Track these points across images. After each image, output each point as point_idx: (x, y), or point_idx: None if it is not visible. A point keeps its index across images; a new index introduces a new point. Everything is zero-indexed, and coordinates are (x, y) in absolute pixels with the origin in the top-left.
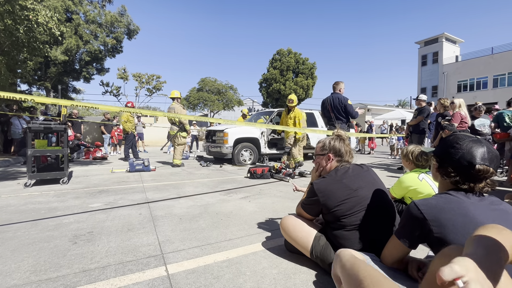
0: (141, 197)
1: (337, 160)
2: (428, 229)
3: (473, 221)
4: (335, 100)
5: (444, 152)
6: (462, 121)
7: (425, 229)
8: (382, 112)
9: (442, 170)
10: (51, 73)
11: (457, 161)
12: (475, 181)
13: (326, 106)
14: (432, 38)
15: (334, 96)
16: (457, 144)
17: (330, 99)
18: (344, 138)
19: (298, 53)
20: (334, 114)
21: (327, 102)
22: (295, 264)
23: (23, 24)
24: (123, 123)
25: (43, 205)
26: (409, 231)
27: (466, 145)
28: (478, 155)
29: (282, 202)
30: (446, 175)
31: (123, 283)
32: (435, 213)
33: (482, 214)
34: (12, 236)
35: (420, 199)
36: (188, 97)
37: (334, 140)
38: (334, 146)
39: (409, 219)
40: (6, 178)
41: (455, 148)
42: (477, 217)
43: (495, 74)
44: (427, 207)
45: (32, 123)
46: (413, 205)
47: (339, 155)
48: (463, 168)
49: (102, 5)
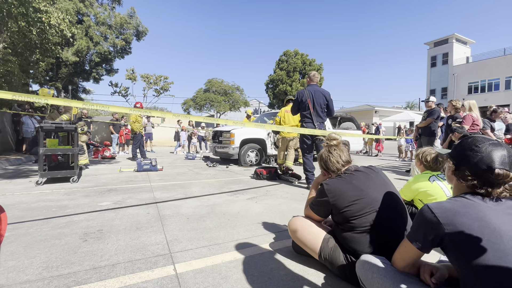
0: (149, 197)
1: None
2: (443, 233)
3: (489, 225)
4: (318, 94)
5: (461, 155)
6: (474, 123)
7: (440, 233)
8: (390, 114)
9: (458, 173)
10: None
11: (475, 164)
12: (493, 186)
13: (304, 100)
14: (442, 39)
15: (316, 89)
16: (476, 147)
17: (311, 92)
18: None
19: (305, 54)
20: (315, 111)
21: (305, 95)
22: (303, 266)
23: (36, 26)
24: (131, 123)
25: (54, 203)
26: (422, 234)
27: (485, 148)
28: (497, 159)
29: (289, 203)
30: (462, 179)
31: (133, 281)
32: (450, 217)
33: (499, 218)
34: (25, 233)
35: (434, 202)
36: (195, 97)
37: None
38: (326, 162)
39: (423, 222)
40: (18, 176)
41: (473, 150)
42: (494, 221)
43: (507, 75)
44: (441, 210)
45: (44, 123)
46: (426, 208)
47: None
48: (482, 172)
49: (112, 7)
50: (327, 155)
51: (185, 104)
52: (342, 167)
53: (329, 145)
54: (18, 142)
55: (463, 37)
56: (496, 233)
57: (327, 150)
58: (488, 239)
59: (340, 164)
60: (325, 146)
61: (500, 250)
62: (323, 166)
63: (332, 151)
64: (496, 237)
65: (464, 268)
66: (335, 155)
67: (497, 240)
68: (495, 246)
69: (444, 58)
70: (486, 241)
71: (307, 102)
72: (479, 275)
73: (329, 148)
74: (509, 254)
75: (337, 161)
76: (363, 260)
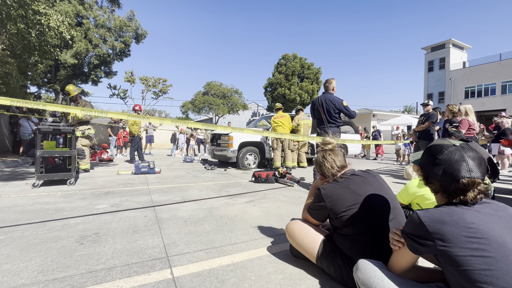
0: (146, 199)
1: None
2: (432, 242)
3: (477, 232)
4: (328, 102)
5: (427, 167)
6: (470, 127)
7: (429, 241)
8: (387, 118)
9: (430, 186)
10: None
11: (440, 177)
12: (464, 193)
13: (317, 107)
14: (439, 44)
15: (327, 97)
16: (437, 159)
17: (322, 100)
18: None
19: (304, 58)
20: (326, 118)
21: (318, 103)
22: (301, 270)
23: (35, 28)
24: (130, 126)
25: (51, 206)
26: (413, 240)
27: (446, 158)
28: (461, 168)
29: (287, 207)
30: (434, 191)
31: (129, 285)
32: (438, 226)
33: (487, 222)
34: (21, 236)
35: (423, 210)
36: (193, 100)
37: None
38: (320, 167)
39: (413, 229)
40: (15, 178)
41: (435, 164)
42: (482, 227)
43: (503, 80)
44: (429, 219)
45: (41, 125)
46: (415, 216)
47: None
48: (449, 184)
49: (112, 10)
50: (322, 161)
51: (183, 107)
52: (338, 172)
53: (323, 150)
54: (15, 144)
55: (460, 42)
56: (484, 239)
57: (322, 155)
58: (477, 247)
59: (334, 169)
60: (320, 151)
61: (489, 257)
62: (318, 170)
63: (326, 156)
64: (485, 243)
65: (455, 276)
66: (329, 160)
67: (486, 247)
68: (484, 253)
69: (441, 63)
70: (474, 249)
71: (319, 110)
72: (470, 284)
73: (324, 153)
74: (499, 260)
75: (331, 166)
76: (361, 264)
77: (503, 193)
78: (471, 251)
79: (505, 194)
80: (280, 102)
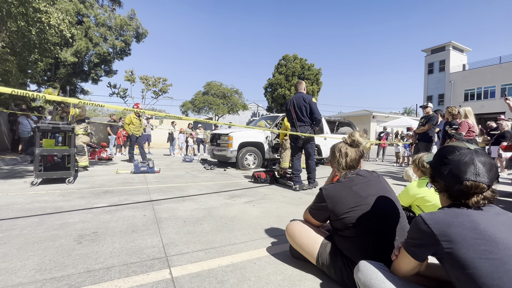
0: (145, 199)
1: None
2: (437, 244)
3: (484, 234)
4: (298, 99)
5: (435, 166)
6: (470, 130)
7: (434, 244)
8: (387, 120)
9: (435, 184)
10: (60, 74)
11: (445, 177)
12: (467, 196)
13: (288, 108)
14: (439, 46)
15: (297, 95)
16: (445, 159)
17: (293, 99)
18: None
19: (304, 59)
20: (296, 115)
21: (289, 103)
22: (301, 271)
23: (36, 26)
24: (125, 125)
25: (49, 204)
26: (416, 244)
27: (455, 159)
28: (468, 170)
29: (287, 207)
30: (439, 190)
31: (127, 284)
32: (444, 228)
33: (492, 226)
34: (18, 234)
35: (427, 213)
36: (193, 100)
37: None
38: (332, 153)
39: (416, 233)
40: (13, 176)
41: (443, 163)
42: (488, 230)
43: (503, 83)
44: (434, 221)
45: (40, 123)
46: (420, 219)
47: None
48: (453, 184)
49: (113, 9)
50: (337, 150)
51: (183, 107)
52: (343, 170)
53: (345, 142)
54: (14, 142)
55: (460, 45)
56: (491, 241)
57: (339, 146)
58: (484, 248)
59: (341, 165)
60: (343, 140)
61: (496, 259)
62: (330, 156)
63: (342, 149)
64: (492, 245)
65: (461, 280)
66: (343, 153)
67: (493, 249)
68: (491, 255)
69: (441, 65)
70: (482, 251)
71: (290, 109)
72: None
73: (342, 144)
74: (507, 262)
75: (340, 161)
76: (361, 266)
77: (502, 195)
78: (479, 252)
79: (503, 196)
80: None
